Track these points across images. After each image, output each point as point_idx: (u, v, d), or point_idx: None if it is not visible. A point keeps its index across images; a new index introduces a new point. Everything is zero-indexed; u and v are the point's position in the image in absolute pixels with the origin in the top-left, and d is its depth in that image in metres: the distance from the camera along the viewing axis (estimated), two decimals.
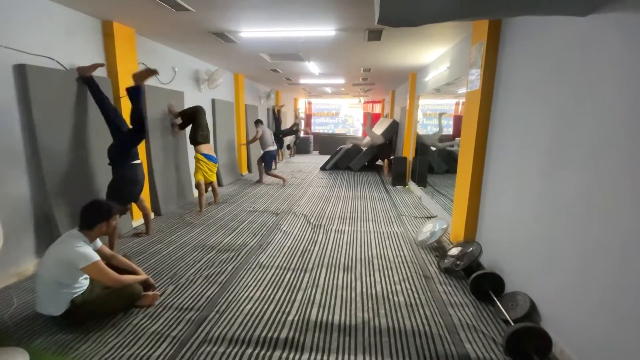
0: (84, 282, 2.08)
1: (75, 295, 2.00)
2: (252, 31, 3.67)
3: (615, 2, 1.54)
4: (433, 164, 5.66)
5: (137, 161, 3.14)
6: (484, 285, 2.38)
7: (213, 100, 5.99)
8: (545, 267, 1.97)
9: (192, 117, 4.48)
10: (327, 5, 2.84)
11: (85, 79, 3.00)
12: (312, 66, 5.87)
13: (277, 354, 1.79)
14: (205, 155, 4.46)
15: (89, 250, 1.98)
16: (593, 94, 1.65)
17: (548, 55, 2.06)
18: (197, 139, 4.44)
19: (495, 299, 2.26)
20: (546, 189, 1.99)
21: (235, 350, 1.81)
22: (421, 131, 6.34)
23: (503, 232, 2.53)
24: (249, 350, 1.81)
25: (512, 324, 1.95)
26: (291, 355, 1.77)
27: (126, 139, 3.02)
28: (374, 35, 3.68)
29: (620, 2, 1.51)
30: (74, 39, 3.06)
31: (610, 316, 1.49)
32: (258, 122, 6.43)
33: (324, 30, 3.56)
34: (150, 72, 3.05)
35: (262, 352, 1.79)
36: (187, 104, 4.94)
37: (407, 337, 1.93)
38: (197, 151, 4.46)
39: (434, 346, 1.86)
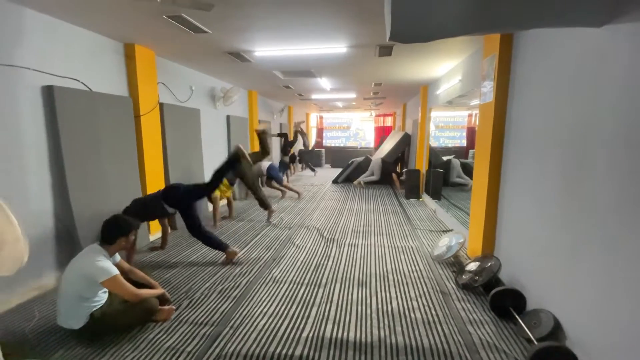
0: (103, 296, 2.12)
1: (95, 309, 2.04)
2: (266, 50, 3.79)
3: (630, 12, 1.53)
4: (447, 176, 5.61)
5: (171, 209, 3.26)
6: (505, 302, 2.30)
7: (228, 117, 6.14)
8: (569, 283, 1.90)
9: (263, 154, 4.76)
10: (338, 23, 2.92)
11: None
12: (324, 82, 5.97)
13: None
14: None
15: (108, 265, 2.03)
16: (611, 105, 1.62)
17: (563, 67, 2.04)
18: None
19: (517, 316, 2.17)
20: (567, 201, 1.94)
21: None
22: (432, 144, 6.30)
23: (523, 247, 2.46)
24: None
25: (536, 343, 1.87)
26: None
27: (190, 192, 3.22)
28: (385, 51, 3.74)
29: (637, 12, 1.50)
30: (98, 61, 3.23)
31: None
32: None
33: (336, 47, 3.64)
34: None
35: None
36: (204, 121, 5.09)
37: (425, 356, 1.87)
38: None
39: None
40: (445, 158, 6.19)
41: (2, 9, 2.36)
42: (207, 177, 5.10)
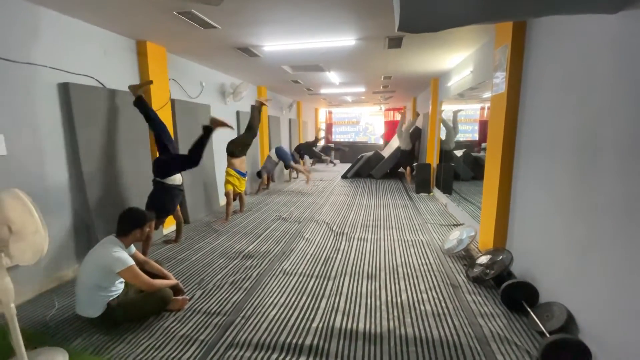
0: (119, 286, 2.19)
1: (112, 299, 2.11)
2: (274, 45, 3.79)
3: None
4: (458, 170, 5.53)
5: (176, 183, 3.31)
6: (516, 295, 2.27)
7: (238, 112, 6.19)
8: (581, 276, 1.87)
9: (248, 130, 4.82)
10: (347, 16, 2.90)
11: (136, 97, 3.21)
12: (333, 76, 5.95)
13: None
14: (236, 170, 4.68)
15: (124, 255, 2.09)
16: (627, 93, 1.57)
17: (577, 57, 1.99)
18: (235, 152, 4.67)
19: (529, 309, 2.15)
20: (580, 193, 1.90)
21: (261, 355, 1.83)
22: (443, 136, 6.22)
23: (535, 240, 2.42)
24: (274, 356, 1.82)
25: (548, 335, 1.85)
26: None
27: (169, 161, 3.21)
28: (394, 43, 3.70)
29: None
30: (111, 58, 3.30)
31: None
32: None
33: (344, 40, 3.62)
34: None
35: (287, 358, 1.80)
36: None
37: (435, 347, 1.88)
38: (229, 164, 4.68)
39: (464, 358, 1.79)
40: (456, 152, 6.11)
41: (19, 8, 2.43)
42: (218, 172, 5.21)
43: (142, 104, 3.22)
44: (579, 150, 1.93)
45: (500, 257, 2.61)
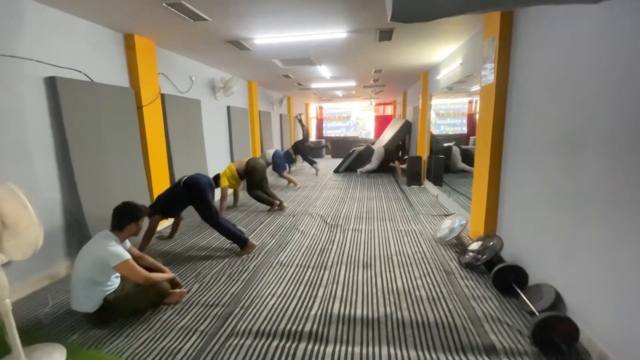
0: (115, 281, 2.18)
1: (108, 293, 2.10)
2: (265, 37, 3.78)
3: None
4: (448, 162, 5.63)
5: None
6: (507, 279, 2.35)
7: (228, 108, 6.14)
8: (568, 258, 1.95)
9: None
10: (338, 8, 2.91)
11: None
12: (323, 70, 5.95)
13: (302, 345, 1.82)
14: (237, 170, 4.71)
15: (120, 249, 2.08)
16: (610, 82, 1.64)
17: (561, 46, 2.06)
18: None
19: (519, 291, 2.23)
20: (565, 179, 1.98)
21: (262, 342, 1.86)
22: (433, 131, 6.31)
23: (524, 225, 2.50)
24: (275, 343, 1.85)
25: (538, 314, 1.92)
26: (316, 347, 1.80)
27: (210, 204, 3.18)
28: (385, 35, 3.73)
29: None
30: (98, 52, 3.23)
31: (638, 305, 1.46)
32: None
33: (336, 32, 3.63)
34: None
35: (288, 344, 1.83)
36: (204, 112, 5.10)
37: (430, 329, 1.94)
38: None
39: (459, 337, 1.86)
40: (446, 145, 6.20)
41: (2, 1, 2.36)
42: (210, 167, 5.18)
43: None
44: (564, 139, 2.00)
45: (491, 243, 2.69)
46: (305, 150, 8.53)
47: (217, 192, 4.03)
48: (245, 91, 7.04)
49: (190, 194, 3.17)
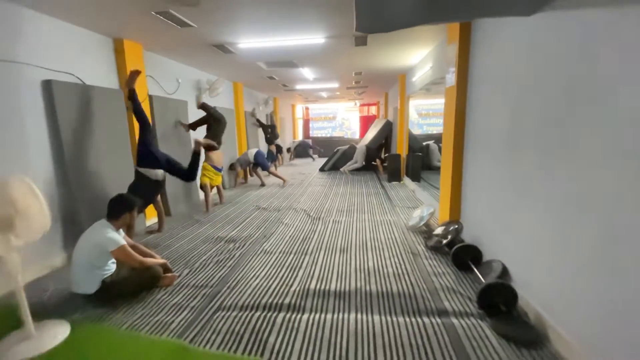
0: (112, 266, 2.39)
1: (105, 276, 2.31)
2: (249, 42, 4.03)
3: (554, 2, 1.82)
4: (427, 160, 5.98)
5: (158, 178, 3.51)
6: (464, 257, 2.67)
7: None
8: (512, 237, 2.27)
9: (212, 121, 4.99)
10: (317, 15, 3.18)
11: (130, 91, 3.39)
12: (306, 72, 6.23)
13: (282, 315, 2.09)
14: (213, 166, 4.97)
15: (117, 236, 2.30)
16: (539, 88, 1.97)
17: (504, 53, 2.39)
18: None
19: (474, 267, 2.55)
20: (507, 167, 2.31)
21: (246, 314, 2.11)
22: (416, 131, 6.65)
23: (481, 210, 2.83)
24: (258, 313, 2.11)
25: (483, 283, 2.24)
26: (294, 316, 2.07)
27: (140, 140, 3.42)
28: (361, 41, 4.03)
29: (558, 2, 1.79)
30: (89, 55, 3.42)
31: (563, 273, 1.76)
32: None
33: (314, 38, 3.91)
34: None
35: (270, 314, 2.10)
36: (191, 113, 5.30)
37: (393, 298, 2.23)
38: (207, 158, 4.93)
39: (417, 304, 2.16)
40: (424, 143, 6.56)
41: (1, 9, 2.55)
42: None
43: (134, 96, 3.42)
44: (505, 135, 2.34)
45: (452, 227, 3.02)
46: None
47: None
48: (231, 92, 7.25)
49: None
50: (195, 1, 2.52)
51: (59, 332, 1.99)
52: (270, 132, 8.85)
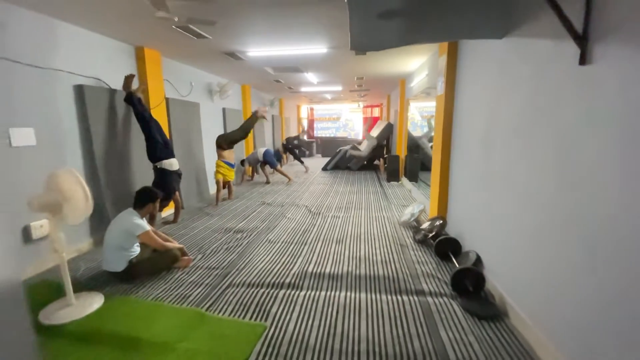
0: (137, 248, 2.77)
1: (132, 257, 2.69)
2: (257, 51, 4.39)
3: (521, 26, 2.13)
4: (424, 161, 6.29)
5: (174, 168, 3.89)
6: (446, 248, 3.01)
7: (224, 109, 6.73)
8: (485, 228, 2.60)
9: (240, 130, 5.57)
10: (319, 29, 3.53)
11: (127, 94, 3.73)
12: (311, 76, 6.58)
13: (283, 291, 2.45)
14: (225, 162, 5.36)
15: (143, 222, 2.68)
16: (507, 96, 2.30)
17: (483, 66, 2.72)
18: (222, 144, 5.36)
19: (453, 257, 2.89)
20: (483, 167, 2.64)
21: (252, 290, 2.48)
22: (418, 132, 6.95)
23: (463, 206, 3.17)
24: (262, 290, 2.47)
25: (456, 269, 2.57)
26: (293, 292, 2.43)
27: (146, 138, 3.80)
28: (360, 51, 4.37)
29: (526, 26, 2.10)
30: (113, 62, 3.81)
31: (528, 262, 2.11)
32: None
33: (317, 48, 4.26)
34: (131, 77, 3.74)
35: (272, 291, 2.46)
36: (203, 114, 5.69)
37: (379, 280, 2.58)
38: (219, 156, 5.36)
39: (399, 285, 2.50)
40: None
41: (40, 21, 2.93)
42: (208, 163, 5.77)
43: (132, 99, 3.72)
44: (481, 139, 2.66)
45: (437, 222, 3.35)
46: (295, 148, 9.25)
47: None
48: (239, 94, 7.63)
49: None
50: (212, 21, 2.88)
51: (94, 301, 2.37)
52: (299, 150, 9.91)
